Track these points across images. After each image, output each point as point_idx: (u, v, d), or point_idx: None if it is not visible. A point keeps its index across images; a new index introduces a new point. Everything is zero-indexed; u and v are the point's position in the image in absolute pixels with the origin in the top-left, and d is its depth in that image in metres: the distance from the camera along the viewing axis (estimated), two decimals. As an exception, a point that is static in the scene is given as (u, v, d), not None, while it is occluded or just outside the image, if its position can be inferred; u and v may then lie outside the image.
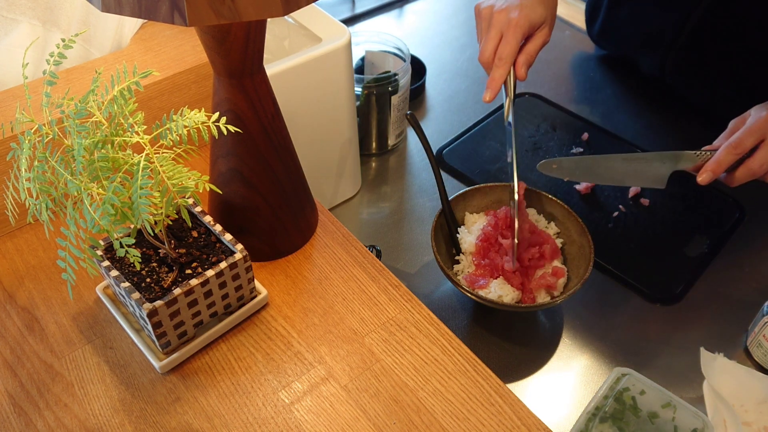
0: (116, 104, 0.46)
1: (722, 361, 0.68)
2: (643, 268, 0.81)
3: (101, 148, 0.45)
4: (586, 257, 0.72)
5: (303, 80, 0.74)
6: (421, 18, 1.28)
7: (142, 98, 0.68)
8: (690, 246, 0.84)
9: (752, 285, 0.79)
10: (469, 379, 0.55)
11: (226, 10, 0.41)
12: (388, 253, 0.83)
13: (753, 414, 0.64)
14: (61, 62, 0.48)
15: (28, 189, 0.44)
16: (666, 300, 0.77)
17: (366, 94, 0.90)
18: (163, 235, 0.53)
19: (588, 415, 0.60)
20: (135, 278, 0.52)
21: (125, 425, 0.51)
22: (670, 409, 0.60)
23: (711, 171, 0.71)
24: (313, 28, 0.77)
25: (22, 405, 0.52)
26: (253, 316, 0.59)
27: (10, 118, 0.63)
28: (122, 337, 0.57)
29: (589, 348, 0.73)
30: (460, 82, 1.11)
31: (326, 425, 0.52)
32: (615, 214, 0.87)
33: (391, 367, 0.56)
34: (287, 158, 0.60)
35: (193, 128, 0.47)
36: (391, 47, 0.97)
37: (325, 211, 0.69)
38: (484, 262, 0.71)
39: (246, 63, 0.52)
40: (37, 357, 0.56)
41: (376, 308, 0.60)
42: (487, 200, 0.79)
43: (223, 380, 0.54)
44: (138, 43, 0.74)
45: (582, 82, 1.12)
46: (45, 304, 0.60)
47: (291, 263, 0.64)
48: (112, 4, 0.43)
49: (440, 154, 0.97)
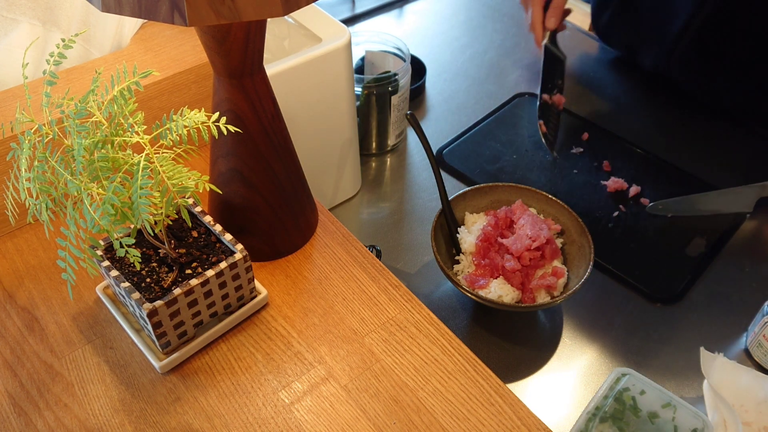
0: (116, 104, 0.46)
1: (722, 361, 0.68)
2: (644, 268, 0.81)
3: (101, 148, 0.45)
4: (586, 257, 0.72)
5: (303, 80, 0.74)
6: (421, 18, 1.28)
7: (142, 98, 0.68)
8: (691, 246, 0.84)
9: (752, 285, 0.79)
10: (469, 379, 0.55)
11: (226, 10, 0.41)
12: (388, 253, 0.83)
13: (753, 414, 0.64)
14: (61, 62, 0.48)
15: (28, 189, 0.44)
16: (666, 300, 0.77)
17: (366, 94, 0.90)
18: (163, 235, 0.53)
19: (588, 415, 0.60)
20: (135, 278, 0.52)
21: (125, 425, 0.51)
22: (670, 409, 0.60)
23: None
24: (313, 28, 0.77)
25: (22, 405, 0.52)
26: (253, 316, 0.59)
27: (10, 118, 0.63)
28: (122, 337, 0.57)
29: (589, 348, 0.73)
30: (460, 82, 1.11)
31: (326, 425, 0.52)
32: (615, 214, 0.87)
33: (391, 367, 0.56)
34: (287, 158, 0.60)
35: (193, 128, 0.47)
36: (391, 47, 0.97)
37: (325, 211, 0.69)
38: (484, 262, 0.71)
39: (246, 63, 0.52)
40: (37, 357, 0.56)
41: (376, 308, 0.60)
42: (487, 200, 0.79)
43: (223, 380, 0.54)
44: (138, 43, 0.74)
45: (582, 82, 1.12)
46: (45, 304, 0.60)
47: (291, 263, 0.64)
48: (112, 4, 0.43)
49: (440, 154, 0.97)
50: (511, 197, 0.79)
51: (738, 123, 1.03)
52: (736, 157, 0.98)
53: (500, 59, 1.17)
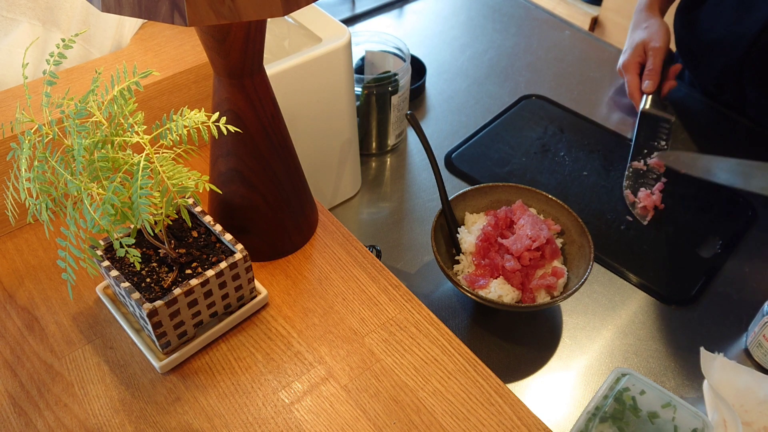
0: (116, 104, 0.46)
1: (722, 361, 0.68)
2: (652, 269, 0.81)
3: (101, 148, 0.45)
4: (586, 257, 0.72)
5: (303, 80, 0.74)
6: (421, 18, 1.28)
7: (142, 98, 0.68)
8: (704, 247, 0.83)
9: (752, 285, 0.79)
10: (469, 379, 0.55)
11: (226, 10, 0.41)
12: (388, 253, 0.83)
13: (753, 414, 0.64)
14: (61, 62, 0.48)
15: (28, 189, 0.44)
16: (667, 300, 0.77)
17: (366, 94, 0.90)
18: (163, 235, 0.53)
19: (588, 415, 0.60)
20: (135, 278, 0.52)
21: (125, 425, 0.51)
22: (670, 409, 0.60)
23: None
24: (313, 28, 0.77)
25: (22, 405, 0.52)
26: (253, 316, 0.59)
27: (10, 118, 0.63)
28: (122, 337, 0.57)
29: (589, 348, 0.73)
30: (460, 82, 1.11)
31: (326, 425, 0.52)
32: (628, 217, 0.87)
33: (391, 367, 0.56)
34: (287, 158, 0.60)
35: (193, 128, 0.47)
36: (391, 47, 0.97)
37: (325, 211, 0.69)
38: (484, 262, 0.71)
39: (246, 63, 0.52)
40: (37, 357, 0.56)
41: (376, 308, 0.60)
42: (487, 200, 0.79)
43: (223, 380, 0.54)
44: (138, 43, 0.74)
45: (582, 82, 1.12)
46: (45, 304, 0.60)
47: (291, 263, 0.64)
48: (112, 4, 0.43)
49: (449, 157, 0.96)
50: (511, 197, 0.79)
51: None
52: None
53: (500, 59, 1.17)
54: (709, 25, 1.01)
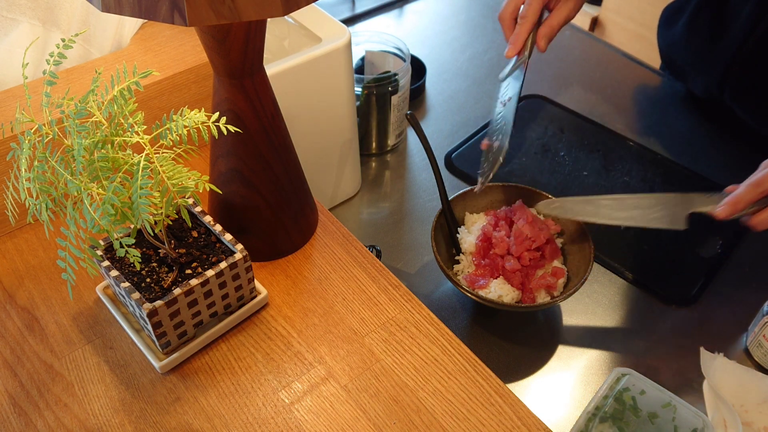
0: (116, 104, 0.46)
1: (722, 361, 0.68)
2: (652, 269, 0.81)
3: (101, 148, 0.45)
4: (586, 257, 0.72)
5: (303, 80, 0.74)
6: (421, 18, 1.28)
7: (142, 98, 0.68)
8: (704, 247, 0.83)
9: (752, 285, 0.79)
10: (469, 379, 0.55)
11: (226, 10, 0.41)
12: (388, 253, 0.83)
13: (753, 414, 0.64)
14: (61, 62, 0.48)
15: (28, 189, 0.44)
16: (667, 300, 0.77)
17: (366, 94, 0.90)
18: (163, 235, 0.53)
19: (588, 415, 0.60)
20: (135, 278, 0.52)
21: (125, 425, 0.51)
22: (670, 409, 0.60)
23: (729, 206, 0.65)
24: (313, 28, 0.77)
25: (22, 405, 0.52)
26: (253, 316, 0.59)
27: (10, 118, 0.63)
28: (122, 337, 0.57)
29: (589, 348, 0.73)
30: (460, 82, 1.11)
31: (326, 425, 0.52)
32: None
33: (391, 367, 0.56)
34: (287, 158, 0.60)
35: (193, 128, 0.47)
36: (391, 47, 0.97)
37: (325, 211, 0.69)
38: (484, 262, 0.71)
39: (246, 63, 0.52)
40: (37, 357, 0.56)
41: (376, 308, 0.60)
42: (487, 200, 0.79)
43: (223, 380, 0.54)
44: (138, 43, 0.74)
45: (582, 82, 1.12)
46: (45, 304, 0.60)
47: (291, 263, 0.64)
48: (112, 4, 0.43)
49: (449, 157, 0.96)
50: (511, 197, 0.79)
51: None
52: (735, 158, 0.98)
53: (500, 59, 1.17)
54: (687, 41, 1.00)
